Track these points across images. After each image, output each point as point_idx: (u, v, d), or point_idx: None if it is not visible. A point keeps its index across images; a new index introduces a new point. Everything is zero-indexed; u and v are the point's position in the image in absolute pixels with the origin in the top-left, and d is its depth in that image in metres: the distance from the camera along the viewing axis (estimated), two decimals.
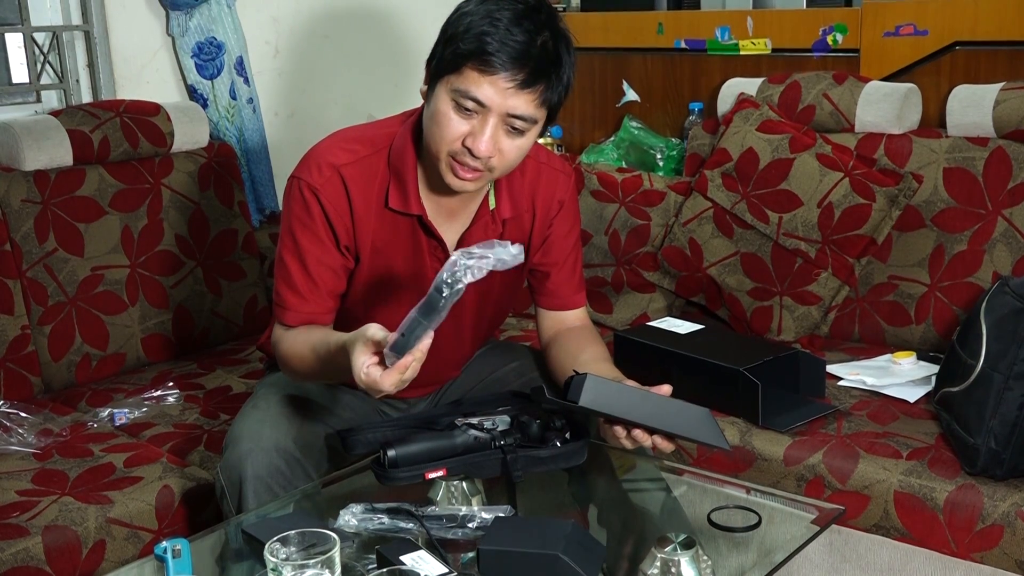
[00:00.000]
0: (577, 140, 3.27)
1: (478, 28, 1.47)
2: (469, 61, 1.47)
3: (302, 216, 1.62)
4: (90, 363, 2.38)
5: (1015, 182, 2.27)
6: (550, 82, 1.51)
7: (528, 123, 1.52)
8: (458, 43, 1.48)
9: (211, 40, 2.71)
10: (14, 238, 2.29)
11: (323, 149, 1.65)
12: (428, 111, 1.55)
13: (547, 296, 1.83)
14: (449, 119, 1.51)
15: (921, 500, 1.81)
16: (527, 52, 1.47)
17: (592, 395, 1.43)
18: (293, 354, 1.63)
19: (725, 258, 2.50)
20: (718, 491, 1.58)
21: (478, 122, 1.50)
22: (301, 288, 1.64)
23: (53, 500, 1.82)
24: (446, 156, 1.54)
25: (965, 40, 2.52)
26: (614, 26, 3.14)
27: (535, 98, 1.50)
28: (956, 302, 2.29)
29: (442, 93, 1.51)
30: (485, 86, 1.47)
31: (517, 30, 1.47)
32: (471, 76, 1.48)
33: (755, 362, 2.04)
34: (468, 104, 1.49)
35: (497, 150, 1.52)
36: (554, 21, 1.53)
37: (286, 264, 1.65)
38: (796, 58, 2.79)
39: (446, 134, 1.52)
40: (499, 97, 1.48)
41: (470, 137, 1.50)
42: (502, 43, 1.46)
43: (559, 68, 1.51)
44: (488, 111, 1.49)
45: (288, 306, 1.66)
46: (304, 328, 1.65)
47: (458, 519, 1.45)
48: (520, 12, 1.49)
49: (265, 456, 1.62)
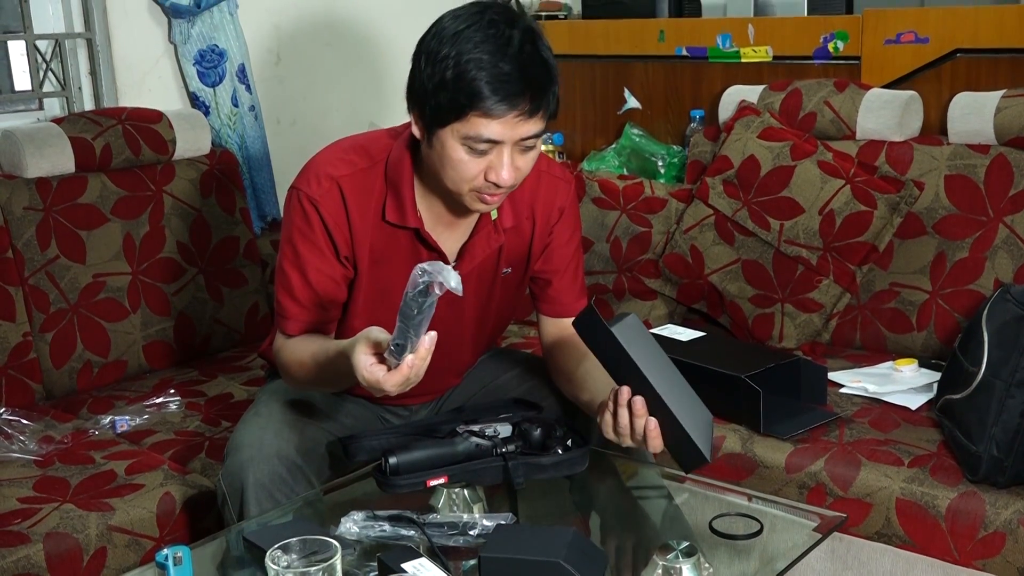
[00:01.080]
0: (578, 147, 3.28)
1: (467, 75, 1.45)
2: (471, 111, 1.46)
3: (302, 227, 1.63)
4: (91, 370, 2.38)
5: (1016, 189, 2.27)
6: (549, 93, 1.51)
7: (538, 138, 1.53)
8: (453, 93, 1.46)
9: (213, 48, 2.71)
10: (16, 245, 2.29)
11: (322, 160, 1.65)
12: (436, 155, 1.54)
13: (548, 303, 1.83)
14: (464, 163, 1.51)
15: (923, 508, 1.81)
16: (525, 81, 1.46)
17: (629, 333, 1.41)
18: (293, 361, 1.64)
19: (726, 265, 2.50)
20: (720, 498, 1.58)
21: (494, 156, 1.50)
22: (301, 298, 1.65)
23: (54, 507, 1.82)
24: (469, 192, 1.55)
25: (966, 48, 2.52)
26: (615, 34, 3.14)
27: (541, 116, 1.51)
28: (957, 309, 2.29)
29: (449, 140, 1.50)
30: (495, 126, 1.47)
31: (504, 63, 1.45)
32: (478, 122, 1.47)
33: (756, 369, 2.04)
34: (481, 146, 1.49)
35: (516, 170, 1.53)
36: (525, 23, 1.51)
37: (287, 274, 1.65)
38: (797, 65, 2.79)
39: (466, 175, 1.52)
40: (510, 130, 1.48)
41: (491, 171, 1.51)
42: (499, 83, 1.45)
43: (551, 74, 1.51)
44: (502, 144, 1.49)
45: (289, 315, 1.66)
46: (304, 337, 1.66)
47: (459, 526, 1.45)
48: (497, 39, 1.46)
49: (267, 463, 1.62)
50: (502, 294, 1.78)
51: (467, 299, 1.74)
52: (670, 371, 1.46)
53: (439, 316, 1.74)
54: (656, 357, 1.45)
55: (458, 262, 1.69)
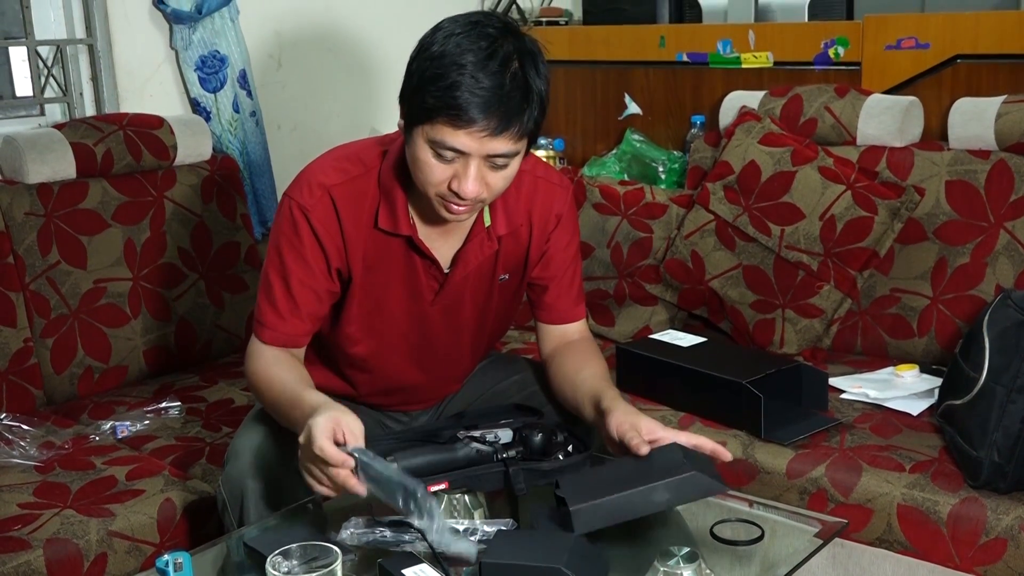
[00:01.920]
0: (579, 153, 3.28)
1: (446, 79, 1.44)
2: (439, 115, 1.45)
3: (290, 236, 1.62)
4: (92, 376, 2.38)
5: (1017, 195, 2.27)
6: (523, 117, 1.48)
7: (510, 157, 1.51)
8: (426, 94, 1.45)
9: (214, 53, 2.72)
10: (17, 251, 2.29)
11: (315, 168, 1.65)
12: (410, 153, 1.53)
13: (546, 310, 1.82)
14: (431, 166, 1.50)
15: (924, 513, 1.80)
16: (497, 98, 1.44)
17: (584, 523, 1.41)
18: (262, 378, 1.62)
19: (727, 271, 2.50)
20: (721, 504, 1.57)
21: (460, 166, 1.49)
22: (281, 307, 1.63)
23: (55, 513, 1.82)
24: (435, 196, 1.54)
25: (967, 53, 2.52)
26: (616, 39, 3.14)
27: (512, 136, 1.47)
28: (959, 315, 2.29)
29: (419, 140, 1.49)
30: (461, 136, 1.45)
31: (483, 75, 1.43)
32: (444, 129, 1.46)
33: (757, 375, 2.04)
34: (447, 153, 1.48)
35: (484, 185, 1.51)
36: (520, 43, 1.49)
37: (270, 282, 1.64)
38: (798, 71, 2.79)
39: (431, 179, 1.51)
40: (476, 144, 1.46)
41: (455, 180, 1.50)
42: (471, 93, 1.43)
43: (530, 99, 1.48)
44: (468, 156, 1.48)
45: (267, 324, 1.65)
46: (286, 357, 1.64)
47: (460, 533, 1.45)
48: (485, 51, 1.45)
49: (267, 470, 1.62)
50: (500, 300, 1.78)
51: (464, 306, 1.74)
52: (636, 496, 1.43)
53: (438, 326, 1.74)
54: (617, 504, 1.43)
55: (452, 269, 1.69)
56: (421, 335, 1.74)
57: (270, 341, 1.65)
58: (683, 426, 2.10)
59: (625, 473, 1.48)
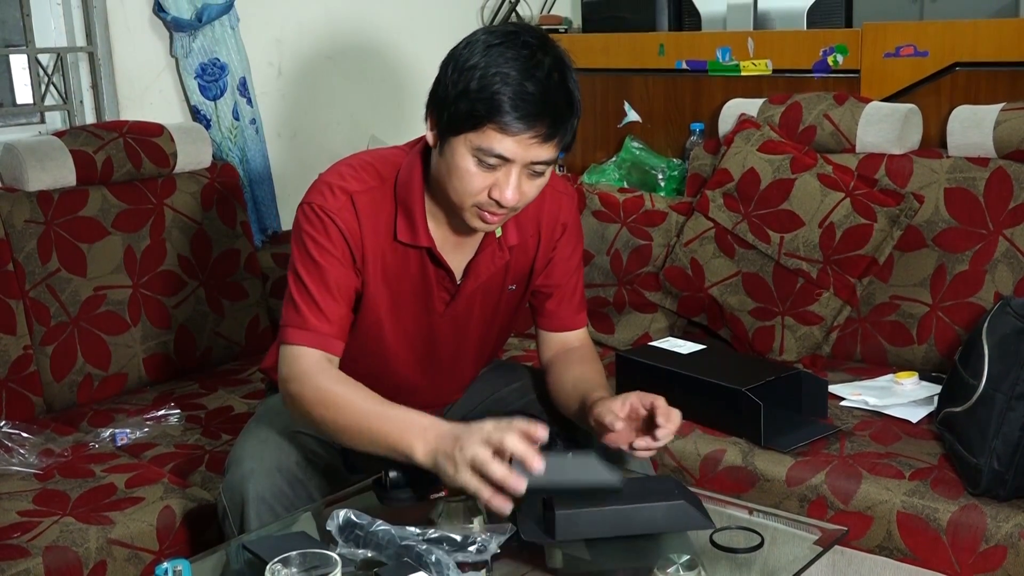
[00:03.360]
0: (579, 160, 3.28)
1: (491, 87, 1.44)
2: (488, 122, 1.46)
3: (319, 237, 1.59)
4: (92, 383, 2.38)
5: (1016, 202, 2.27)
6: (568, 124, 1.50)
7: (548, 165, 1.53)
8: (473, 102, 1.45)
9: (214, 61, 2.72)
10: (17, 258, 2.29)
11: (334, 174, 1.63)
12: (445, 163, 1.53)
13: (548, 318, 1.82)
14: (472, 175, 1.50)
15: (924, 521, 1.80)
16: (545, 104, 1.46)
17: (567, 530, 1.42)
18: (328, 395, 1.54)
19: (727, 278, 2.50)
20: (720, 512, 1.57)
21: (502, 174, 1.50)
22: (325, 308, 1.59)
23: (54, 521, 1.82)
24: (471, 207, 1.54)
25: (965, 61, 2.53)
26: (615, 47, 3.15)
27: (556, 143, 1.50)
28: (958, 322, 2.29)
29: (461, 148, 1.49)
30: (508, 143, 1.46)
31: (530, 83, 1.45)
32: (492, 136, 1.46)
33: (757, 382, 2.04)
34: (491, 160, 1.48)
35: (520, 193, 1.52)
36: (557, 53, 1.51)
37: (305, 285, 1.59)
38: (797, 79, 2.80)
39: (470, 188, 1.51)
40: (522, 150, 1.47)
41: (495, 188, 1.50)
42: (520, 100, 1.44)
43: (573, 108, 1.51)
44: (512, 163, 1.49)
45: (310, 327, 1.58)
46: (344, 376, 1.58)
47: (459, 540, 1.44)
48: (527, 60, 1.46)
49: (267, 477, 1.61)
50: (506, 310, 1.78)
51: (472, 317, 1.74)
52: (618, 514, 1.45)
53: (445, 337, 1.74)
54: (599, 518, 1.45)
55: (464, 280, 1.69)
56: (428, 345, 1.74)
57: (315, 345, 1.58)
58: (682, 433, 2.10)
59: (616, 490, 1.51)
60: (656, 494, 1.46)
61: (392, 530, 1.37)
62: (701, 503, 1.48)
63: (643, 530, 1.45)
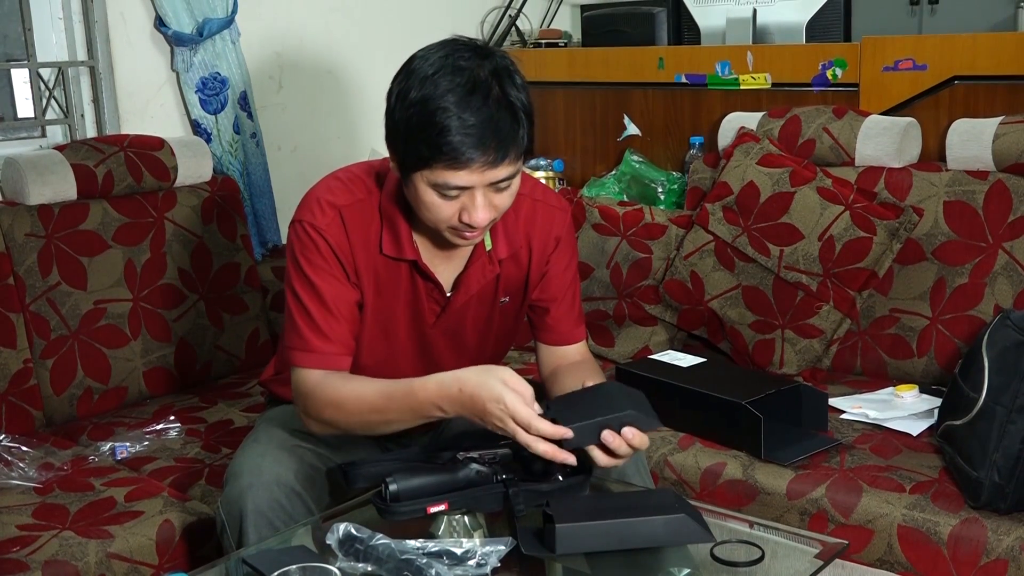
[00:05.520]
0: (578, 174, 3.29)
1: (433, 125, 1.44)
2: (436, 161, 1.46)
3: (313, 257, 1.61)
4: (92, 397, 2.38)
5: (1015, 215, 2.27)
6: (517, 139, 1.49)
7: (511, 179, 1.52)
8: (418, 144, 1.46)
9: (215, 75, 2.73)
10: (18, 272, 2.29)
11: (322, 189, 1.65)
12: (411, 194, 1.54)
13: (546, 331, 1.82)
14: (438, 206, 1.51)
15: (925, 534, 1.80)
16: (487, 130, 1.44)
17: (567, 543, 1.43)
18: (350, 395, 1.58)
19: (727, 291, 2.50)
20: (721, 525, 1.57)
21: (467, 198, 1.50)
22: (325, 328, 1.61)
23: (53, 535, 1.82)
24: (447, 229, 1.55)
25: (964, 75, 2.53)
26: (615, 61, 3.16)
27: (510, 161, 1.49)
28: (958, 335, 2.29)
29: (420, 184, 1.50)
30: (462, 175, 1.46)
31: (469, 113, 1.44)
32: (445, 172, 1.46)
33: (757, 395, 2.04)
34: (452, 192, 1.49)
35: (492, 208, 1.53)
36: (495, 61, 1.49)
37: (304, 305, 1.61)
38: (796, 92, 2.80)
39: (440, 216, 1.52)
40: (478, 177, 1.47)
41: (464, 212, 1.51)
42: (463, 134, 1.43)
43: (519, 119, 1.48)
44: (473, 188, 1.49)
45: (314, 348, 1.61)
46: (349, 375, 1.63)
47: (460, 553, 1.44)
48: (463, 87, 1.45)
49: (266, 490, 1.61)
50: (501, 323, 1.78)
51: (467, 329, 1.75)
52: (618, 527, 1.46)
53: (442, 349, 1.74)
54: (599, 530, 1.46)
55: (454, 292, 1.69)
56: (425, 358, 1.75)
57: (319, 365, 1.61)
58: (683, 447, 2.10)
59: (617, 503, 1.54)
60: (656, 507, 1.46)
61: (392, 544, 1.37)
62: (701, 516, 1.48)
63: (643, 543, 1.45)
